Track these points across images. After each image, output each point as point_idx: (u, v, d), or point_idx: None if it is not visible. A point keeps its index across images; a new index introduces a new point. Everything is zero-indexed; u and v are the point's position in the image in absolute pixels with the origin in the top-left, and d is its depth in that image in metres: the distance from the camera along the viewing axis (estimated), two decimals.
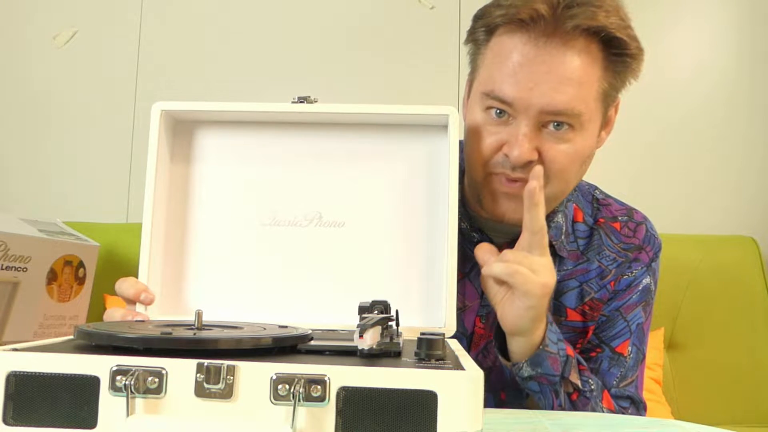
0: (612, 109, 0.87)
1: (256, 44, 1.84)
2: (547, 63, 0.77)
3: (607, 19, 0.77)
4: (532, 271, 0.73)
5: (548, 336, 0.77)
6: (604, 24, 0.77)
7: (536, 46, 0.77)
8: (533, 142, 0.79)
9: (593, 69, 0.79)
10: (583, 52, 0.78)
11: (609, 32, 0.77)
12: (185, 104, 0.79)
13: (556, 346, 0.78)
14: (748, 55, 1.77)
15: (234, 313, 0.77)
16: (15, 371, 0.46)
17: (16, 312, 1.22)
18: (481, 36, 0.83)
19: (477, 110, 0.83)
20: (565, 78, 0.77)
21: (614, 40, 0.78)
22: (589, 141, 0.82)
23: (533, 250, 0.76)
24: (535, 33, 0.77)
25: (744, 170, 1.76)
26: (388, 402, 0.44)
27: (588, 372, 0.85)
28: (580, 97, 0.78)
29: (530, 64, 0.77)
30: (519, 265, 0.74)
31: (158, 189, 0.78)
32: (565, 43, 0.77)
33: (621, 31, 0.78)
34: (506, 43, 0.80)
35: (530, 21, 0.77)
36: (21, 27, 1.88)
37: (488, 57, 0.82)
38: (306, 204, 0.79)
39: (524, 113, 0.78)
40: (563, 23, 0.76)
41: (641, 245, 0.92)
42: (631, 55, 0.80)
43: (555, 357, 0.78)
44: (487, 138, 0.82)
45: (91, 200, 1.82)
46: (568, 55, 0.77)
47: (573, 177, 0.84)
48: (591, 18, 0.76)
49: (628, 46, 0.79)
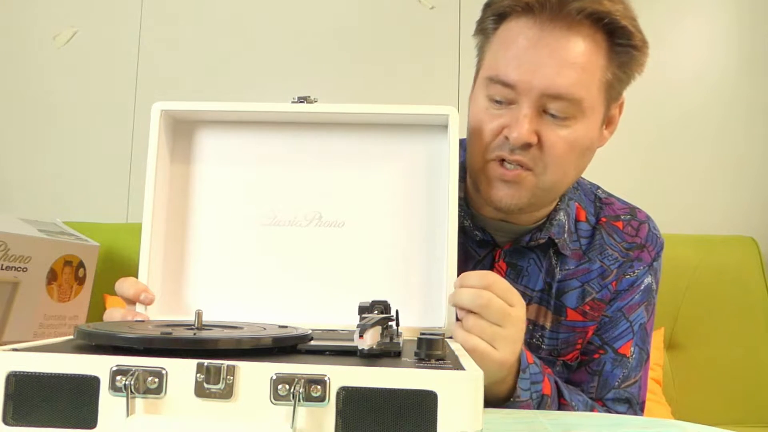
0: (616, 107, 0.87)
1: (256, 44, 1.84)
2: (550, 46, 0.77)
3: (613, 5, 0.78)
4: (493, 346, 0.68)
5: (519, 386, 0.74)
6: (609, 9, 0.77)
7: (541, 29, 0.78)
8: (533, 125, 0.79)
9: (597, 56, 0.79)
10: (588, 38, 0.78)
11: (614, 19, 0.78)
12: (185, 104, 0.79)
13: (528, 393, 0.76)
14: (748, 55, 1.77)
15: (234, 313, 0.77)
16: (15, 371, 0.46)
17: (16, 312, 1.22)
18: (490, 25, 0.84)
19: (480, 97, 0.84)
20: (567, 62, 0.77)
21: (619, 30, 0.79)
22: (590, 131, 0.82)
23: (501, 321, 0.69)
24: (541, 17, 0.78)
25: (744, 170, 1.76)
26: (388, 402, 0.44)
27: (572, 393, 0.84)
28: (581, 82, 0.78)
29: (534, 47, 0.78)
30: (479, 338, 0.68)
31: (158, 189, 0.78)
32: (570, 28, 0.77)
33: (626, 19, 0.79)
34: (513, 28, 0.81)
35: (536, 5, 0.78)
36: (21, 27, 1.88)
37: (494, 44, 0.83)
38: (306, 204, 0.79)
39: (526, 95, 0.79)
40: (568, 6, 0.77)
41: (643, 244, 0.92)
42: (636, 47, 0.81)
43: (527, 403, 0.76)
44: (489, 122, 0.82)
45: (91, 200, 1.82)
46: (572, 40, 0.78)
47: (571, 167, 0.84)
48: (596, 2, 0.77)
49: (633, 36, 0.80)
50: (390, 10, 1.83)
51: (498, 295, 0.69)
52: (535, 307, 0.90)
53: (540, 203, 0.87)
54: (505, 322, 0.69)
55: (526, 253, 0.91)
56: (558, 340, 0.90)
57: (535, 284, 0.90)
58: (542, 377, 0.78)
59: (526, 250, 0.91)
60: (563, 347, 0.91)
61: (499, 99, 0.81)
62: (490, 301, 0.68)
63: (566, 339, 0.90)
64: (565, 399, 0.82)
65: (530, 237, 0.89)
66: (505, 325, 0.69)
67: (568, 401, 0.82)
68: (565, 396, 0.82)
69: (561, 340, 0.90)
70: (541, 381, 0.78)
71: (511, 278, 0.90)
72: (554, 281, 0.90)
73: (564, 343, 0.90)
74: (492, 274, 0.70)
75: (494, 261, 0.91)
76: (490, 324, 0.68)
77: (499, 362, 0.69)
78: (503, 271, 0.90)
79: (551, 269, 0.90)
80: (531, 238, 0.89)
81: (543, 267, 0.90)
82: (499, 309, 0.68)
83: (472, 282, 0.69)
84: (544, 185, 0.82)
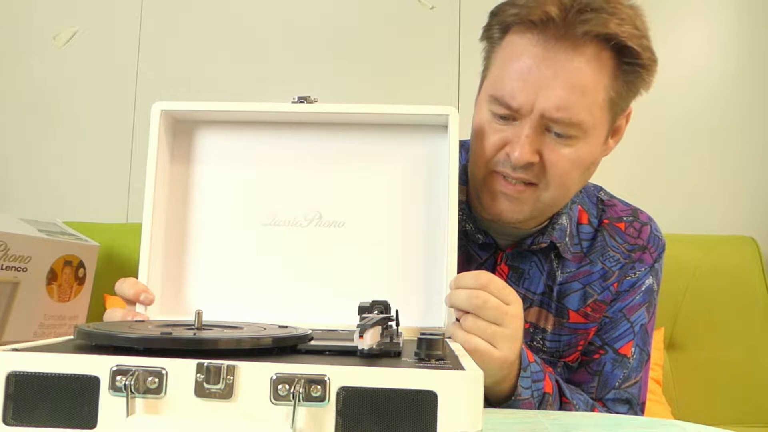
0: (623, 118, 0.86)
1: (256, 44, 1.84)
2: (553, 68, 0.76)
3: (620, 27, 0.76)
4: (493, 345, 0.69)
5: (520, 384, 0.75)
6: (616, 32, 0.75)
7: (545, 49, 0.76)
8: (534, 145, 0.78)
9: (601, 77, 0.78)
10: (592, 59, 0.76)
11: (620, 40, 0.76)
12: (185, 104, 0.79)
13: (529, 391, 0.76)
14: (748, 55, 1.77)
15: (234, 313, 0.77)
16: (15, 371, 0.46)
17: (16, 312, 1.22)
18: (496, 34, 0.83)
19: (484, 108, 0.83)
20: (569, 85, 0.76)
21: (626, 49, 0.77)
22: (593, 148, 0.81)
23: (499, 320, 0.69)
24: (545, 35, 0.76)
25: (744, 170, 1.76)
26: (388, 402, 0.44)
27: (573, 392, 0.84)
28: (583, 105, 0.77)
29: (538, 68, 0.77)
30: (480, 338, 0.68)
31: (158, 189, 0.78)
32: (575, 49, 0.76)
33: (633, 40, 0.76)
34: (517, 43, 0.79)
35: (540, 23, 0.76)
36: (21, 27, 1.88)
37: (500, 57, 0.82)
38: (306, 204, 0.79)
39: (528, 116, 0.78)
40: (574, 28, 0.75)
41: (645, 245, 0.92)
42: (644, 66, 0.79)
43: (528, 401, 0.76)
44: (491, 136, 0.82)
45: (91, 200, 1.82)
46: (575, 61, 0.76)
47: (574, 183, 0.83)
48: (603, 25, 0.75)
49: (640, 56, 0.78)
50: (390, 10, 1.83)
51: (494, 294, 0.69)
52: (536, 309, 0.90)
53: (541, 216, 0.87)
54: (503, 320, 0.69)
55: (528, 256, 0.91)
56: (560, 342, 0.90)
57: (537, 287, 0.90)
58: (543, 375, 0.78)
59: (528, 253, 0.90)
60: (565, 349, 0.91)
61: (502, 116, 0.80)
62: (486, 302, 0.68)
63: (568, 341, 0.90)
64: (567, 398, 0.82)
65: (532, 240, 0.89)
66: (503, 323, 0.69)
67: (570, 400, 0.82)
68: (566, 395, 0.82)
69: (563, 342, 0.90)
70: (542, 379, 0.78)
71: (513, 281, 0.90)
72: (555, 284, 0.90)
73: (566, 345, 0.90)
74: (486, 274, 0.70)
75: (496, 264, 0.91)
76: (489, 324, 0.68)
77: (501, 361, 0.69)
78: (505, 274, 0.90)
79: (552, 272, 0.90)
80: (533, 241, 0.89)
81: (544, 270, 0.90)
82: (496, 308, 0.68)
83: (467, 283, 0.70)
84: (546, 200, 0.82)
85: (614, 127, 0.85)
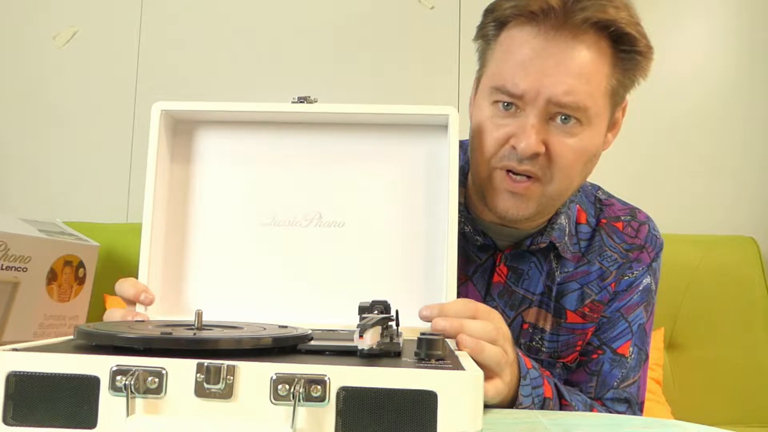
0: (619, 110, 0.86)
1: (256, 44, 1.84)
2: (555, 56, 0.77)
3: (618, 13, 0.77)
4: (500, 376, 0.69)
5: (521, 393, 0.74)
6: (614, 18, 0.77)
7: (546, 39, 0.77)
8: (541, 134, 0.78)
9: (602, 64, 0.79)
10: (592, 46, 0.78)
11: (619, 26, 0.77)
12: (185, 104, 0.79)
13: (530, 398, 0.76)
14: (748, 55, 1.77)
15: (234, 313, 0.77)
16: (15, 371, 0.46)
17: (16, 312, 1.22)
18: (491, 31, 0.83)
19: (484, 105, 0.83)
20: (573, 72, 0.77)
21: (624, 36, 0.78)
22: (596, 138, 0.82)
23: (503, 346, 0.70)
24: (545, 26, 0.77)
25: (744, 170, 1.76)
26: (388, 402, 0.44)
27: (571, 393, 0.84)
28: (587, 91, 0.78)
29: (539, 57, 0.77)
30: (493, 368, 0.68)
31: (158, 189, 0.78)
32: (575, 37, 0.77)
33: (631, 26, 0.78)
34: (516, 36, 0.80)
35: (541, 13, 0.77)
36: (21, 27, 1.88)
37: (497, 52, 0.82)
38: (306, 204, 0.79)
39: (532, 105, 0.78)
40: (573, 16, 0.76)
41: (643, 245, 0.92)
42: (641, 52, 0.80)
43: (530, 408, 0.76)
44: (494, 131, 0.81)
45: (91, 200, 1.82)
46: (577, 49, 0.77)
47: (577, 175, 0.83)
48: (601, 11, 0.76)
49: (637, 42, 0.79)
50: (390, 10, 1.83)
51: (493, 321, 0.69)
52: (535, 310, 0.90)
53: (545, 212, 0.86)
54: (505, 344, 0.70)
55: (527, 256, 0.90)
56: (558, 342, 0.90)
57: (536, 288, 0.90)
58: (542, 381, 0.78)
59: (527, 254, 0.90)
60: (563, 349, 0.91)
61: (505, 107, 0.80)
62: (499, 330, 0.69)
63: (566, 341, 0.90)
64: (566, 400, 0.82)
65: (531, 241, 0.89)
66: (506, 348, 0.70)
67: (569, 402, 0.82)
68: (565, 397, 0.82)
69: (561, 343, 0.90)
70: (541, 384, 0.78)
71: (512, 282, 0.90)
72: (554, 284, 0.90)
73: (564, 346, 0.90)
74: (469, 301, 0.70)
75: (495, 265, 0.90)
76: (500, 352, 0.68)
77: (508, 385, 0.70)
78: (504, 275, 0.90)
79: (551, 272, 0.90)
80: (532, 242, 0.89)
81: (543, 270, 0.90)
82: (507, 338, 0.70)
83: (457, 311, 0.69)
84: (550, 194, 0.82)
85: (612, 120, 0.86)
